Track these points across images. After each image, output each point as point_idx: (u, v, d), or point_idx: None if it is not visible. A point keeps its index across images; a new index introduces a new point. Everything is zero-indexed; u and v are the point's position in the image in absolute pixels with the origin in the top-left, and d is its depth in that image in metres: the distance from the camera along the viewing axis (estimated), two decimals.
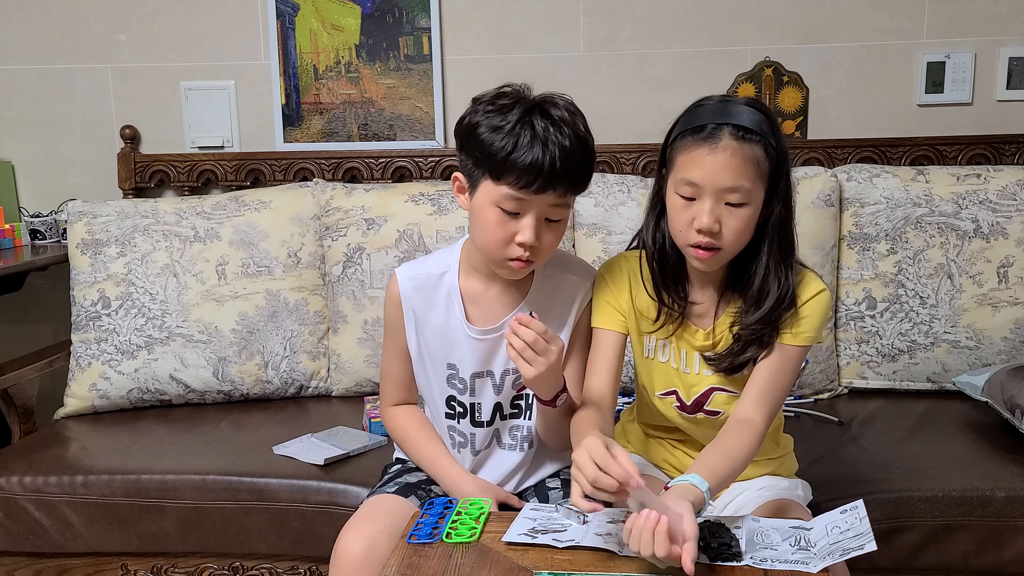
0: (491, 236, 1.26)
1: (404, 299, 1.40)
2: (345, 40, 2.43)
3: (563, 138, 1.20)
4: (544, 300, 1.37)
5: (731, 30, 2.38)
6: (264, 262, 2.10)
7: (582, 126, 1.25)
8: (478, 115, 1.24)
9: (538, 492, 1.44)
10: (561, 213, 1.26)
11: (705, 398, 1.34)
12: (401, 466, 1.50)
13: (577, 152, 1.22)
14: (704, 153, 1.20)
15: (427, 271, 1.40)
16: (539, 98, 1.25)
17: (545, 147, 1.19)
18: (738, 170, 1.19)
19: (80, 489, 1.70)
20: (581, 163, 1.23)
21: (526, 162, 1.19)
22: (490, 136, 1.21)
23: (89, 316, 2.06)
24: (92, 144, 2.52)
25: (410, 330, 1.41)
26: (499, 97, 1.25)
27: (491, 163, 1.22)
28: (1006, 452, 1.69)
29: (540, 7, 2.41)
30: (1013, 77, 2.34)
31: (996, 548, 1.54)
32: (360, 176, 2.41)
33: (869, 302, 2.04)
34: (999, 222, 2.01)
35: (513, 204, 1.23)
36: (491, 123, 1.22)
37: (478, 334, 1.37)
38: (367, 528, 1.30)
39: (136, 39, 2.48)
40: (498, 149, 1.20)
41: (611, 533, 1.16)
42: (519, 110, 1.21)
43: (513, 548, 1.14)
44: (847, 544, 1.06)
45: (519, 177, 1.20)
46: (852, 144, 2.32)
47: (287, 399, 2.12)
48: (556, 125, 1.20)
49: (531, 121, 1.20)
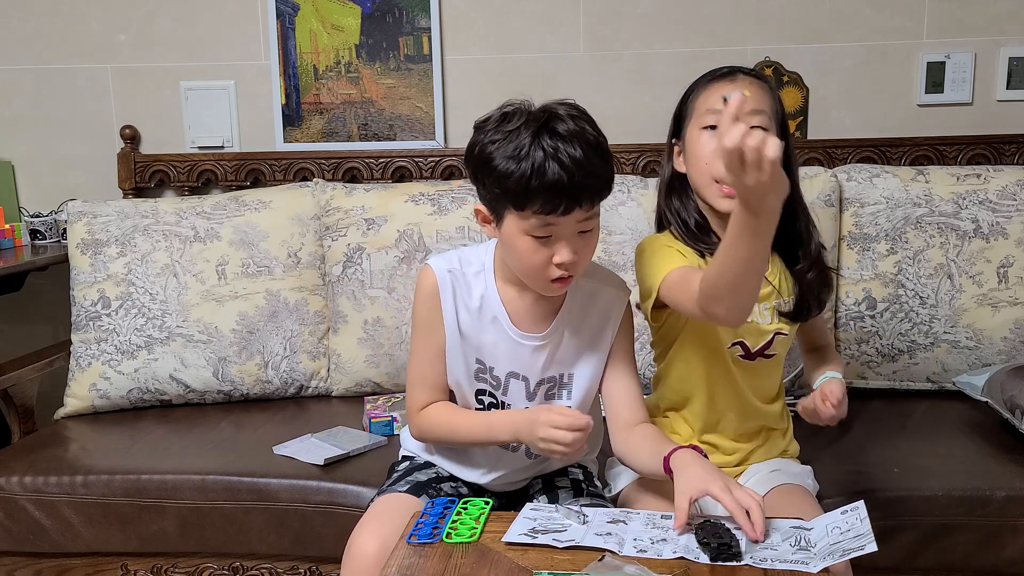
0: (529, 263, 1.24)
1: (442, 289, 1.34)
2: (345, 40, 2.43)
3: (576, 151, 1.17)
4: (580, 311, 1.36)
5: (731, 30, 2.38)
6: (264, 262, 2.10)
7: (592, 130, 1.22)
8: (488, 145, 1.21)
9: (547, 492, 1.43)
10: (592, 224, 1.24)
11: (769, 344, 1.40)
12: (410, 463, 1.48)
13: (594, 162, 1.19)
14: (725, 84, 1.34)
15: (462, 267, 1.36)
16: (544, 115, 1.21)
17: (562, 167, 1.16)
18: (759, 96, 1.31)
19: (80, 489, 1.70)
20: (600, 172, 1.21)
21: (547, 186, 1.17)
22: (505, 166, 1.18)
23: (89, 316, 2.06)
24: (92, 144, 2.52)
25: (449, 319, 1.35)
26: (504, 121, 1.22)
27: (513, 195, 1.19)
28: (1006, 452, 1.69)
29: (540, 7, 2.41)
30: (1013, 77, 2.34)
31: (996, 548, 1.54)
32: (360, 176, 2.41)
33: (869, 302, 2.04)
34: (999, 222, 2.01)
35: (544, 230, 1.21)
36: (504, 152, 1.19)
37: (521, 337, 1.34)
38: (380, 528, 1.28)
39: (136, 39, 2.48)
40: (516, 180, 1.18)
41: (611, 533, 1.16)
42: (528, 134, 1.18)
43: (513, 548, 1.14)
44: (847, 545, 1.06)
45: (544, 204, 1.18)
46: (852, 144, 2.32)
47: (287, 399, 2.12)
48: (567, 141, 1.18)
49: (542, 143, 1.17)
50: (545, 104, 1.23)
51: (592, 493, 1.42)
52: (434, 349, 1.36)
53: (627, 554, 1.10)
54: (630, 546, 1.12)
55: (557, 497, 1.40)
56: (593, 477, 1.50)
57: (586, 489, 1.43)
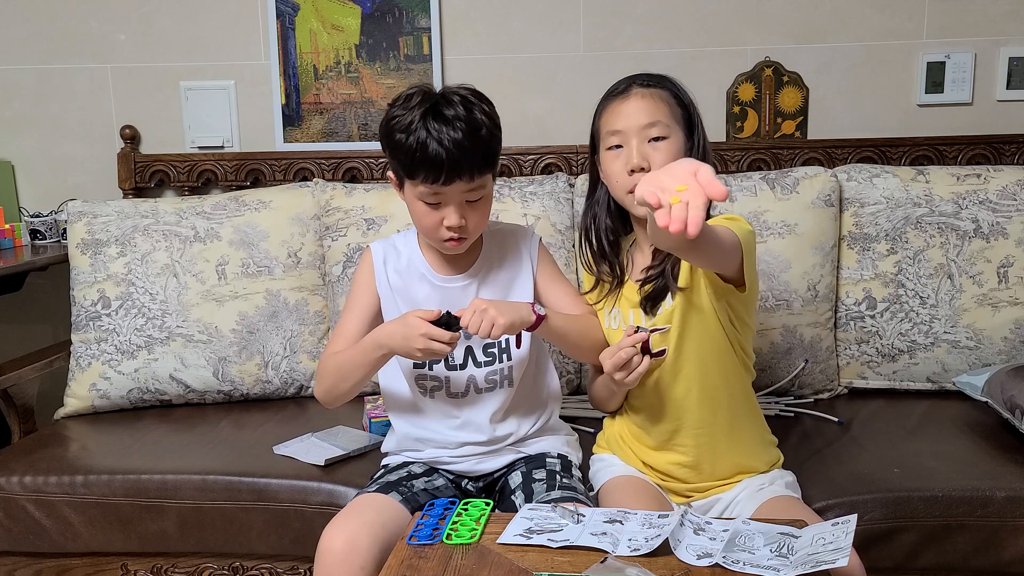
0: (424, 224, 1.45)
1: (375, 259, 1.55)
2: (345, 40, 2.43)
3: (455, 132, 1.35)
4: (497, 254, 1.56)
5: (731, 30, 2.38)
6: (264, 262, 2.10)
7: (479, 114, 1.39)
8: (390, 120, 1.40)
9: (524, 485, 1.46)
10: (479, 194, 1.42)
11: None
12: (384, 469, 1.55)
13: (472, 142, 1.36)
14: (619, 103, 1.43)
15: (394, 242, 1.59)
16: (437, 97, 1.39)
17: (441, 145, 1.34)
18: (652, 107, 1.40)
19: (80, 489, 1.70)
20: (476, 151, 1.37)
21: (428, 160, 1.35)
22: (398, 138, 1.38)
23: (89, 316, 2.06)
24: (92, 144, 2.52)
25: (381, 281, 1.54)
26: (406, 100, 1.40)
27: (403, 165, 1.40)
28: (1006, 452, 1.69)
29: (540, 7, 2.41)
30: (1013, 77, 2.34)
31: (996, 548, 1.54)
32: (360, 176, 2.41)
33: (869, 302, 2.04)
34: (999, 222, 2.01)
35: (432, 196, 1.40)
36: (398, 127, 1.38)
37: (446, 281, 1.53)
38: (348, 523, 1.34)
39: (136, 39, 2.48)
40: (405, 152, 1.37)
41: (606, 533, 1.16)
42: (419, 113, 1.36)
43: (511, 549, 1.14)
44: (823, 556, 1.06)
45: (426, 175, 1.37)
46: (852, 144, 2.32)
47: (287, 399, 2.12)
48: (450, 123, 1.35)
49: (427, 124, 1.35)
50: (445, 88, 1.42)
51: (564, 486, 1.44)
52: (360, 309, 1.55)
53: (621, 554, 1.10)
54: (624, 546, 1.12)
55: (532, 492, 1.43)
56: (572, 467, 1.52)
57: (559, 481, 1.45)
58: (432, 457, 1.54)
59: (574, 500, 1.38)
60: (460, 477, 1.54)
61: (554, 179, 2.16)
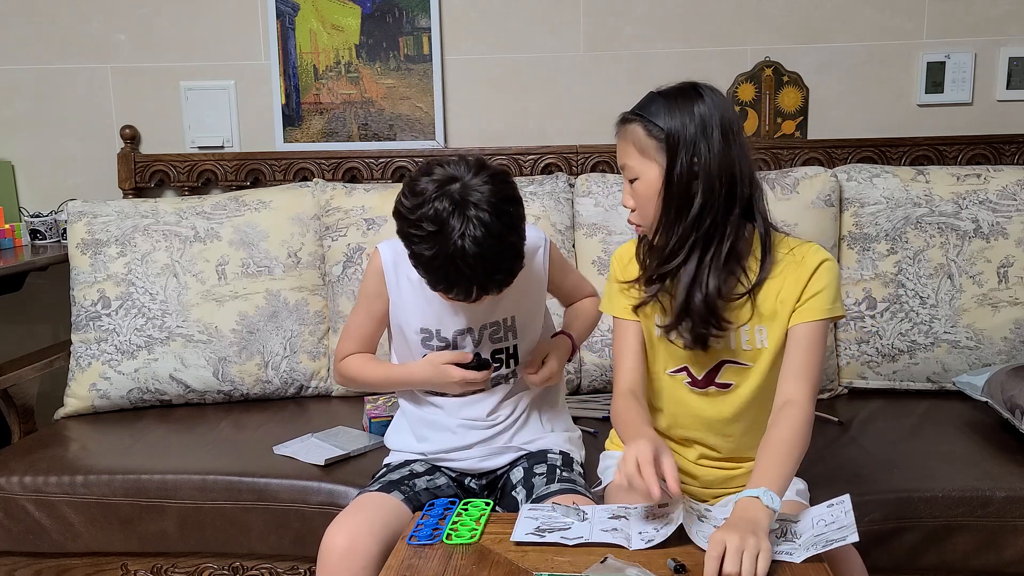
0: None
1: (386, 268, 1.51)
2: (345, 40, 2.43)
3: (484, 273, 1.29)
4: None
5: (731, 30, 2.38)
6: (264, 262, 2.10)
7: (502, 237, 1.29)
8: (407, 239, 1.33)
9: (525, 480, 1.46)
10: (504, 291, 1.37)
11: (716, 371, 1.35)
12: (385, 468, 1.55)
13: (498, 272, 1.31)
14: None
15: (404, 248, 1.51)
16: (458, 234, 1.26)
17: (467, 293, 1.31)
18: (621, 150, 1.35)
19: (80, 489, 1.70)
20: (503, 277, 1.33)
21: (451, 293, 1.33)
22: (418, 265, 1.34)
23: (89, 316, 2.06)
24: (92, 144, 2.52)
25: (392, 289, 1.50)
26: (421, 222, 1.29)
27: (425, 276, 1.35)
28: (1006, 452, 1.69)
29: (540, 7, 2.41)
30: (1013, 77, 2.34)
31: (996, 548, 1.54)
32: (360, 176, 2.41)
33: (869, 302, 2.04)
34: (999, 222, 2.01)
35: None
36: (419, 251, 1.31)
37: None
38: (349, 522, 1.35)
39: (136, 39, 2.48)
40: (429, 271, 1.32)
41: (617, 528, 1.16)
42: (439, 247, 1.27)
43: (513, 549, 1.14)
44: (831, 536, 1.08)
45: (451, 297, 1.36)
46: (852, 144, 2.32)
47: (287, 399, 2.12)
48: (473, 266, 1.28)
49: (456, 264, 1.27)
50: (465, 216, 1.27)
51: (564, 479, 1.43)
52: (371, 313, 1.54)
53: (637, 547, 1.10)
54: (637, 539, 1.13)
55: (533, 486, 1.43)
56: (574, 463, 1.52)
57: (559, 474, 1.45)
58: (437, 449, 1.53)
59: (573, 492, 1.37)
60: (463, 475, 1.54)
61: (554, 179, 2.16)
